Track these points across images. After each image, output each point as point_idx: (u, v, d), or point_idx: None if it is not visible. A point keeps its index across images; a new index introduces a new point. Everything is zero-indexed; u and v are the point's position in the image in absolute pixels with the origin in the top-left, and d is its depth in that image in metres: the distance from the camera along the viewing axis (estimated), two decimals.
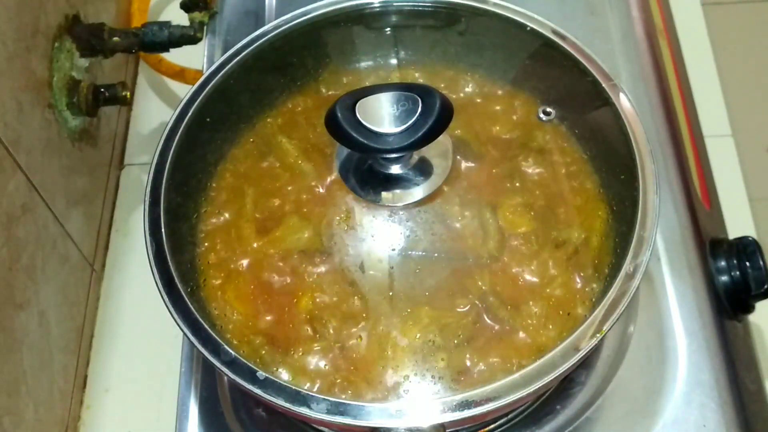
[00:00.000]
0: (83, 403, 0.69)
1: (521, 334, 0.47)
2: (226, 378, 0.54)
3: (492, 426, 0.56)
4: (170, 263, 0.47)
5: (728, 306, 0.60)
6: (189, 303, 0.46)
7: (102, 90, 0.71)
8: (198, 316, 0.45)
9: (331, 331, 0.48)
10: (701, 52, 0.92)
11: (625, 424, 0.57)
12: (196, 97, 0.53)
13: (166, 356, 0.67)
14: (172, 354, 0.63)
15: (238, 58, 0.55)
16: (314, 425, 0.56)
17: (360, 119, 0.45)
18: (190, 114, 0.52)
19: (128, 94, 0.72)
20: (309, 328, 0.48)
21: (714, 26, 0.94)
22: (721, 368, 0.58)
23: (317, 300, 0.48)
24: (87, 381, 0.70)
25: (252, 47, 0.55)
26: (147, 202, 0.49)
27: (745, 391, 0.58)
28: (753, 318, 0.62)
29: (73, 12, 0.70)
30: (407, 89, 0.46)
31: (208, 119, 0.54)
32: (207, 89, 0.54)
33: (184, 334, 0.45)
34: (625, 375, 0.58)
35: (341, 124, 0.45)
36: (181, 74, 0.82)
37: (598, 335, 0.44)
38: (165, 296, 0.46)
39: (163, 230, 0.48)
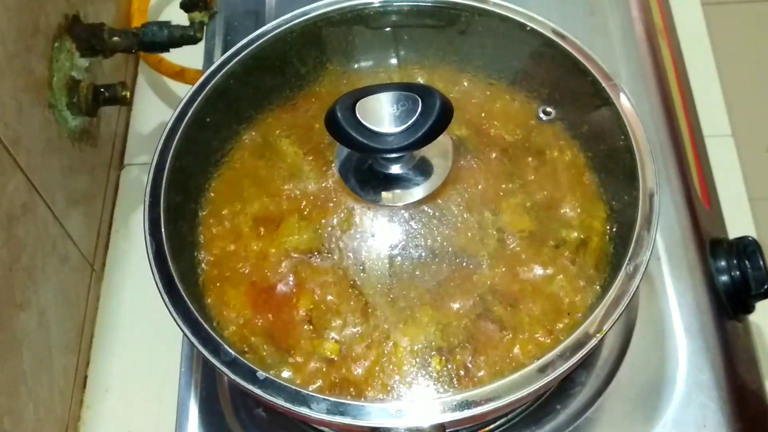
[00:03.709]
0: (83, 403, 0.69)
1: (521, 334, 0.47)
2: (226, 378, 0.54)
3: (492, 426, 0.56)
4: (170, 263, 0.47)
5: (728, 306, 0.60)
6: (189, 303, 0.46)
7: (102, 90, 0.71)
8: (198, 316, 0.45)
9: (331, 331, 0.48)
10: (701, 52, 0.92)
11: (625, 424, 0.57)
12: (196, 97, 0.53)
13: (166, 356, 0.67)
14: (172, 354, 0.63)
15: (238, 57, 0.55)
16: (314, 425, 0.56)
17: (360, 119, 0.45)
18: (189, 114, 0.52)
19: (128, 94, 0.72)
20: (309, 329, 0.48)
21: (714, 26, 0.94)
22: (721, 368, 0.58)
23: (317, 300, 0.48)
24: (87, 381, 0.70)
25: (252, 47, 0.55)
26: (147, 202, 0.49)
27: (745, 391, 0.58)
28: (753, 318, 0.62)
29: (73, 12, 0.70)
30: (407, 89, 0.46)
31: (208, 119, 0.54)
32: (207, 89, 0.53)
33: (184, 334, 0.45)
34: (625, 375, 0.58)
35: (341, 123, 0.45)
36: (181, 74, 0.82)
37: (598, 335, 0.44)
38: (165, 296, 0.46)
39: (162, 230, 0.48)
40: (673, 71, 0.73)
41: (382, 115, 0.45)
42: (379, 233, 0.49)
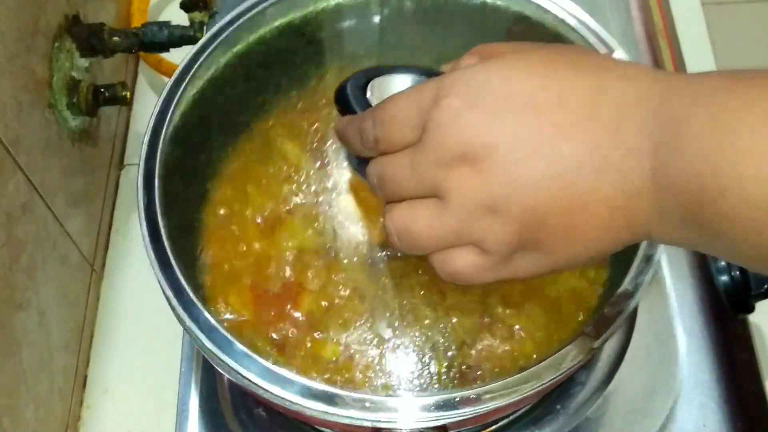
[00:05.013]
0: (83, 403, 0.69)
1: (522, 335, 0.47)
2: (225, 377, 0.54)
3: (493, 426, 0.56)
4: (171, 261, 0.47)
5: (728, 306, 0.60)
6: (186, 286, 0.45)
7: (102, 90, 0.71)
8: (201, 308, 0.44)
9: (332, 331, 0.48)
10: (701, 52, 0.92)
11: (625, 424, 0.57)
12: (183, 92, 0.52)
13: (166, 356, 0.67)
14: (172, 354, 0.63)
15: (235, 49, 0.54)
16: (315, 425, 0.56)
17: (370, 99, 0.42)
18: (186, 112, 0.52)
19: (128, 94, 0.72)
20: (309, 329, 0.48)
21: (714, 26, 0.94)
22: (721, 368, 0.58)
23: (319, 300, 0.48)
24: (87, 381, 0.70)
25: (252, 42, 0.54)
26: (142, 203, 0.49)
27: (745, 391, 0.58)
28: (753, 318, 0.62)
29: (73, 12, 0.70)
30: (423, 73, 0.43)
31: (208, 117, 0.53)
32: (204, 82, 0.53)
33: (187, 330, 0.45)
34: (625, 375, 0.58)
35: (350, 102, 0.41)
36: None
37: (598, 340, 0.43)
38: (163, 285, 0.45)
39: (162, 225, 0.48)
40: (673, 71, 0.73)
41: None
42: (382, 233, 0.49)
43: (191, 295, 0.44)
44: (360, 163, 0.40)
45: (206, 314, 0.43)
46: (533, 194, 0.32)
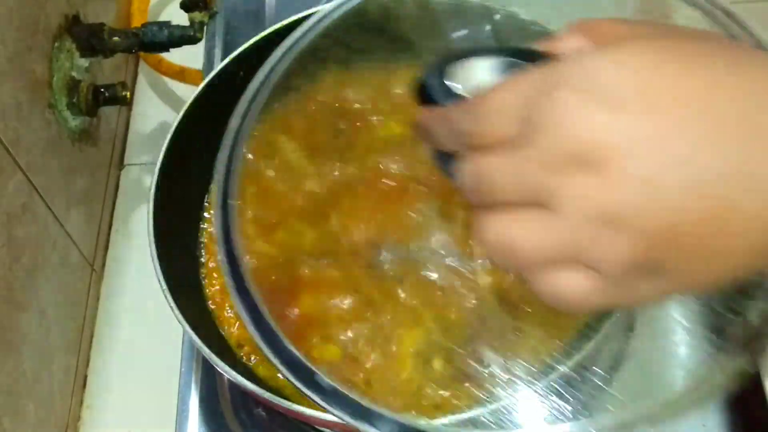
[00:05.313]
0: (83, 403, 0.69)
1: (529, 333, 0.47)
2: (226, 378, 0.54)
3: None
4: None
5: None
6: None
7: (102, 90, 0.71)
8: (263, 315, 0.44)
9: (335, 332, 0.48)
10: None
11: None
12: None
13: (166, 356, 0.67)
14: (172, 354, 0.63)
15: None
16: (315, 425, 0.56)
17: (453, 89, 0.34)
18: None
19: (128, 94, 0.72)
20: (312, 330, 0.48)
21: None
22: None
23: (321, 301, 0.48)
24: (87, 381, 0.70)
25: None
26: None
27: (745, 391, 0.58)
28: None
29: (73, 12, 0.70)
30: (516, 54, 0.34)
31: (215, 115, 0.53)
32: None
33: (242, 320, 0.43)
34: (625, 375, 0.58)
35: (433, 92, 0.35)
36: (181, 74, 0.82)
37: None
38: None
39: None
40: None
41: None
42: (384, 232, 0.49)
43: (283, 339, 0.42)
44: (443, 160, 0.35)
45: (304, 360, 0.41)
46: (666, 206, 0.27)
